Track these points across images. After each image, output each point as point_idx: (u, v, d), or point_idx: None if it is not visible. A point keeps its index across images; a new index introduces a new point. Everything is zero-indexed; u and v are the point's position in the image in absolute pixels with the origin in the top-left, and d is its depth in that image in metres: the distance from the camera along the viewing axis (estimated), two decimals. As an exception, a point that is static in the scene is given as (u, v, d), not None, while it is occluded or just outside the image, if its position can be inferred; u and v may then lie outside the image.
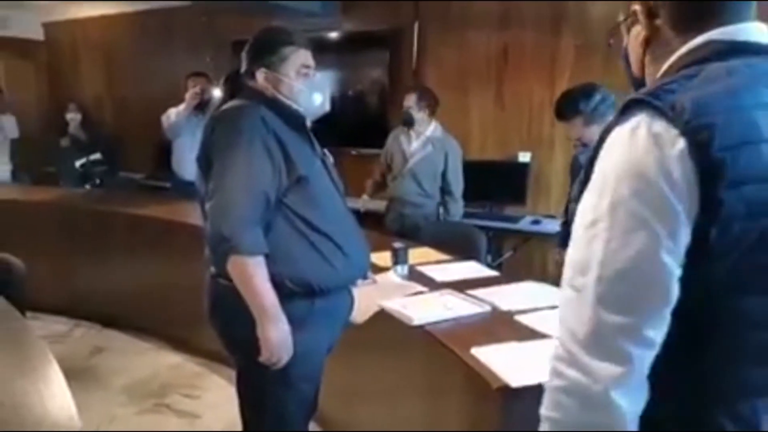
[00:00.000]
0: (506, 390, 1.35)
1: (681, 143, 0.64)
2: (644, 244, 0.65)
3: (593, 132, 1.90)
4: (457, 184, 3.30)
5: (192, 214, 3.18)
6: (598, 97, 1.89)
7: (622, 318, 0.66)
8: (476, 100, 3.95)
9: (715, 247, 0.65)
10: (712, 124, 0.63)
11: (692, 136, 0.63)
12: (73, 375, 1.62)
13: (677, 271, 0.66)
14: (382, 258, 2.21)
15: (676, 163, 0.64)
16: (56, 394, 1.29)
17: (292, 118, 1.55)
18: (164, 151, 4.11)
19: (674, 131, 0.64)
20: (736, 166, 0.63)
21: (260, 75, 1.56)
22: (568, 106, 1.93)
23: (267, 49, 1.57)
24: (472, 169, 3.89)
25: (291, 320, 1.49)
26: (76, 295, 3.58)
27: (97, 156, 4.78)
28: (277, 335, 1.45)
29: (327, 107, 1.67)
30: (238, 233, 1.39)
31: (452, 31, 3.96)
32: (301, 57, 1.58)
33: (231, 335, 1.57)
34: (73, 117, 5.31)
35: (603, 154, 0.71)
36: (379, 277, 2.08)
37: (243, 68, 1.61)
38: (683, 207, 0.64)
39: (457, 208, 3.33)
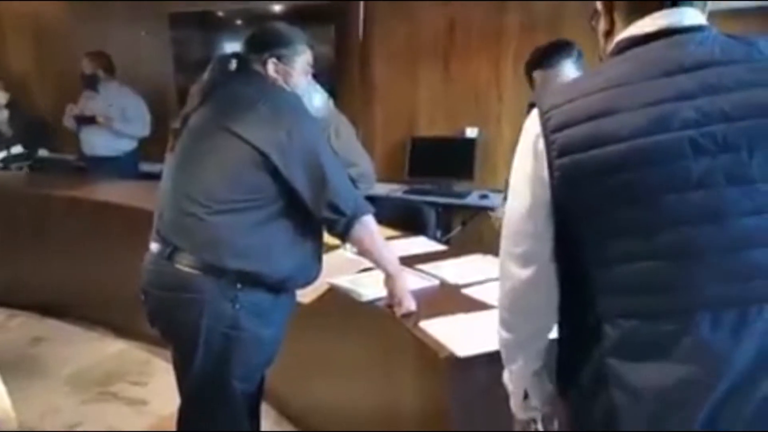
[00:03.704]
0: (453, 359, 1.37)
1: (538, 128, 0.89)
2: (516, 204, 0.93)
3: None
4: (358, 158, 2.93)
5: (129, 195, 3.08)
6: (575, 52, 1.91)
7: (507, 246, 0.96)
8: (424, 75, 3.93)
9: (565, 206, 0.88)
10: (552, 115, 0.87)
11: (543, 122, 0.88)
12: (11, 366, 1.55)
13: (537, 221, 0.91)
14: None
15: (534, 141, 0.89)
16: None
17: None
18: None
19: (538, 119, 0.89)
20: (564, 142, 0.86)
21: (271, 65, 1.57)
22: (558, 50, 1.93)
23: (280, 41, 1.59)
24: (421, 145, 3.92)
25: (258, 313, 1.49)
26: (11, 284, 3.40)
27: (18, 149, 4.48)
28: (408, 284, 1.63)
29: (324, 113, 1.76)
30: (352, 200, 1.51)
31: (398, 5, 3.91)
32: (308, 56, 1.64)
33: (188, 323, 1.48)
34: (1, 97, 4.84)
35: None
36: (329, 255, 2.07)
37: (244, 52, 1.59)
38: (538, 172, 0.89)
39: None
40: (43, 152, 5.12)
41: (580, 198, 0.86)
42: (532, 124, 0.90)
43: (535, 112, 0.91)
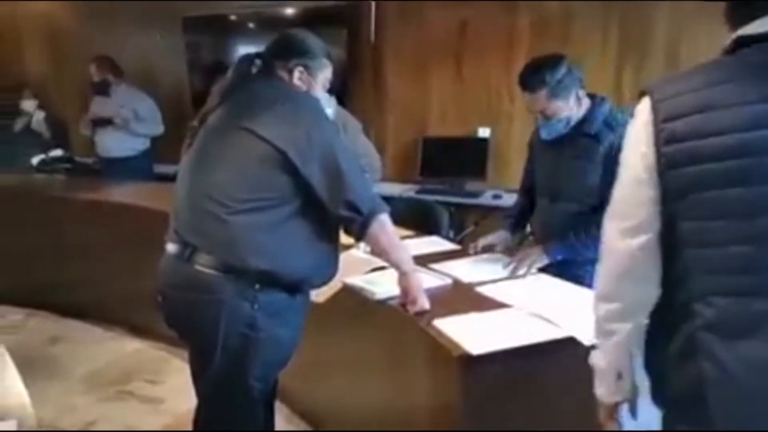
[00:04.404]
0: (466, 358, 1.38)
1: (649, 115, 0.97)
2: (629, 179, 1.01)
3: (557, 105, 1.84)
4: (365, 149, 2.94)
5: (145, 197, 3.12)
6: (563, 69, 1.81)
7: (617, 224, 1.04)
8: (435, 76, 3.94)
9: (667, 189, 0.95)
10: (661, 106, 0.96)
11: (654, 111, 0.97)
12: (29, 365, 1.56)
13: (650, 193, 0.98)
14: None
15: (646, 126, 0.98)
16: (7, 382, 1.26)
17: None
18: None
19: (649, 107, 0.98)
20: (670, 132, 0.94)
21: (297, 73, 1.59)
22: (534, 77, 1.84)
23: (308, 51, 1.61)
24: (432, 145, 3.92)
25: (275, 313, 1.49)
26: (30, 284, 3.46)
27: (58, 152, 4.44)
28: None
29: (333, 116, 1.81)
30: (369, 198, 1.52)
31: (410, 7, 3.92)
32: (329, 70, 1.66)
33: (206, 324, 1.48)
34: (30, 105, 4.86)
35: None
36: (343, 254, 2.08)
37: (268, 56, 1.61)
38: (649, 154, 0.97)
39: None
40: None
41: (682, 183, 0.94)
42: (644, 111, 0.99)
43: (647, 100, 0.99)
